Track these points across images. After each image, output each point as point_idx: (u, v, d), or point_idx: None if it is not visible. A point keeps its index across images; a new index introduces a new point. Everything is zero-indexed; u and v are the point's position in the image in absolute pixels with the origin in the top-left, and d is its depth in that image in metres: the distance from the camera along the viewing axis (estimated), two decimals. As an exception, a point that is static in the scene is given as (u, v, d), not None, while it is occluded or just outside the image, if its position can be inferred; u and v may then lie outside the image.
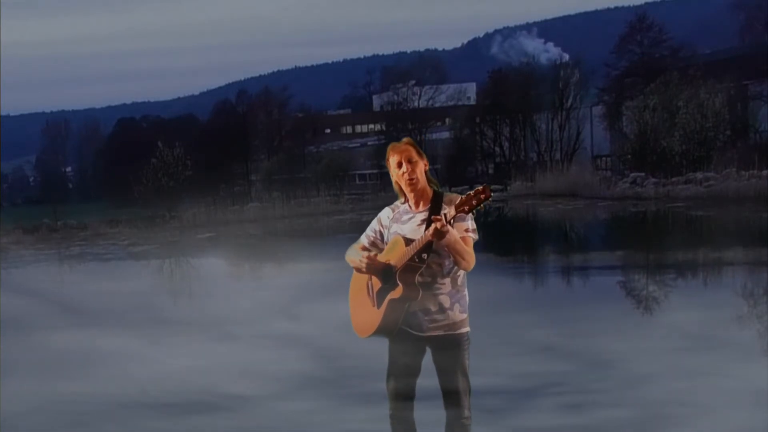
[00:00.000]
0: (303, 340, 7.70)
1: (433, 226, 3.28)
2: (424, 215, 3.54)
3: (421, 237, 3.39)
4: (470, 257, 3.41)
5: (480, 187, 3.25)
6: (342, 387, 6.02)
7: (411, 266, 3.44)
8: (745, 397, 5.27)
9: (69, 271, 18.66)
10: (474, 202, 3.25)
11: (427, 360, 3.60)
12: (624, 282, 11.72)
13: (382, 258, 3.56)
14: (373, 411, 4.47)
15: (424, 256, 3.42)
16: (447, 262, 3.49)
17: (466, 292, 3.58)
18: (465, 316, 3.55)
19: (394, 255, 3.50)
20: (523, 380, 5.90)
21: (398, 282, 3.44)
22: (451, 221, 3.30)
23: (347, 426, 5.13)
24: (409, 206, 3.62)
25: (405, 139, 3.67)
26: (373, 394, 4.61)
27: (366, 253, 3.58)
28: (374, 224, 3.75)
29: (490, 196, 3.25)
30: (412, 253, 3.41)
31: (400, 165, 3.56)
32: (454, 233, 3.31)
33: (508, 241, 19.25)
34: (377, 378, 3.85)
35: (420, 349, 3.58)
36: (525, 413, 5.20)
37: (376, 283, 3.56)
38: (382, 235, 3.69)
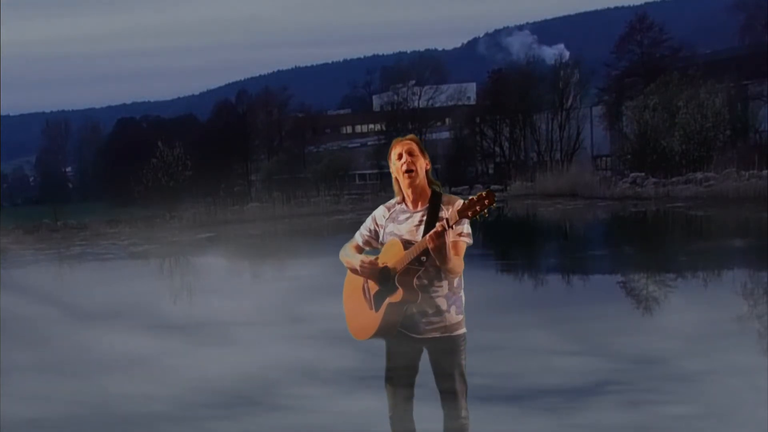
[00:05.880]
0: (301, 339, 7.70)
1: (433, 230, 3.22)
2: (421, 215, 3.48)
3: (421, 241, 3.33)
4: (455, 264, 3.34)
5: (484, 192, 3.17)
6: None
7: (409, 269, 3.39)
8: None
9: (69, 271, 18.64)
10: (478, 208, 3.16)
11: (426, 361, 3.58)
12: (624, 282, 11.71)
13: (377, 260, 3.51)
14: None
15: (423, 258, 3.37)
16: None
17: (462, 294, 3.54)
18: (461, 317, 3.52)
19: (391, 257, 3.45)
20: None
21: (397, 285, 3.39)
22: (452, 226, 3.24)
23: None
24: (407, 205, 3.56)
25: (409, 135, 3.62)
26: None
27: (364, 257, 3.54)
28: (369, 223, 3.68)
29: (494, 202, 3.17)
30: (412, 257, 3.36)
31: (400, 156, 3.50)
32: (447, 239, 3.24)
33: (507, 241, 19.23)
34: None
35: (417, 351, 3.55)
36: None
37: (373, 285, 3.52)
38: (377, 234, 3.63)
